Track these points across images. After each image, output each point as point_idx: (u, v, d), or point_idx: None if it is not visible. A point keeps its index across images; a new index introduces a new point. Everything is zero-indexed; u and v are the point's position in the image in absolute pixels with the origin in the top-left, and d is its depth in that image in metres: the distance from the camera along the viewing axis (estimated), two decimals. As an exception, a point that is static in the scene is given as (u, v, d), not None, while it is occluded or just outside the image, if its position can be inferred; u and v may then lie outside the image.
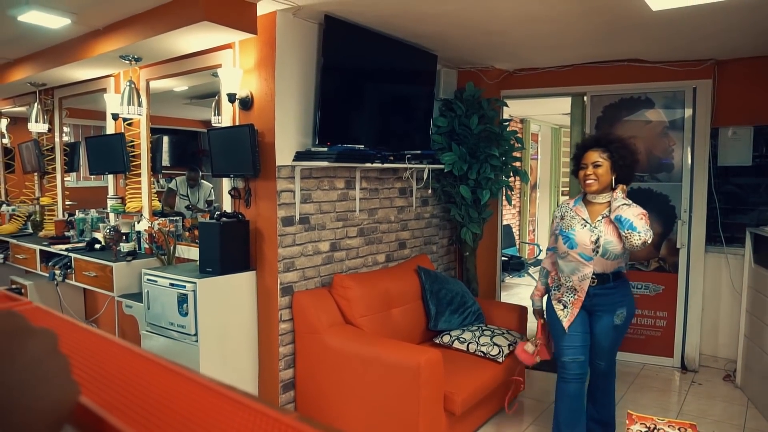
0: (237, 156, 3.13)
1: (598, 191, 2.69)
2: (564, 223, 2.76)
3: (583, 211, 2.72)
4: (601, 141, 2.70)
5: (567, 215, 2.77)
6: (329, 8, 3.06)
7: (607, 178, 2.67)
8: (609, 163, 2.65)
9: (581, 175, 2.72)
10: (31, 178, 5.54)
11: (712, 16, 3.01)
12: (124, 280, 3.60)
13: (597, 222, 2.67)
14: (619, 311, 2.74)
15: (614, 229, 2.60)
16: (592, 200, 2.73)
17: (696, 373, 4.24)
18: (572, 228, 2.70)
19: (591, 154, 2.69)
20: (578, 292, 2.73)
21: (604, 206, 2.70)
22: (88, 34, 3.51)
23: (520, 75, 4.65)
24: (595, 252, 2.64)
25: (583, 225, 2.68)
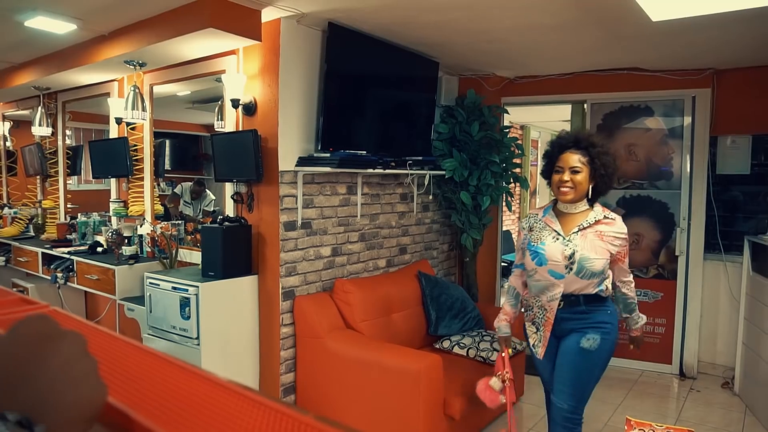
0: (240, 161, 3.15)
1: (573, 201, 2.29)
2: (533, 235, 2.37)
3: (554, 222, 2.32)
4: (582, 142, 2.28)
5: (536, 227, 2.38)
6: (333, 16, 3.10)
7: (585, 186, 2.27)
8: (589, 170, 2.26)
9: (555, 180, 2.30)
10: (34, 182, 5.56)
11: (712, 27, 3.04)
12: (126, 284, 3.62)
13: (571, 234, 2.27)
14: (591, 335, 2.27)
15: (592, 242, 2.24)
16: (565, 210, 2.33)
17: (694, 379, 4.26)
18: (542, 241, 2.31)
19: (569, 157, 2.27)
20: (548, 312, 2.34)
21: (580, 216, 2.31)
22: (93, 39, 3.54)
23: (520, 82, 4.69)
24: (569, 269, 2.24)
25: (555, 238, 2.29)
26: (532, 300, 2.41)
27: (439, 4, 2.84)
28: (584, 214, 2.30)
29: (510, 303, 2.56)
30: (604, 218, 2.28)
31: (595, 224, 2.26)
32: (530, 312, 2.43)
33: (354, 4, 2.89)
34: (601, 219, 2.28)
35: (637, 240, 4.47)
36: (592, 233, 2.26)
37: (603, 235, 2.26)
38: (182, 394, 0.53)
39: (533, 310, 2.41)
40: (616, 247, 2.28)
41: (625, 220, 4.56)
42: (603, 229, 2.26)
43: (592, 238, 2.25)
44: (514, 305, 2.55)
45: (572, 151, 2.28)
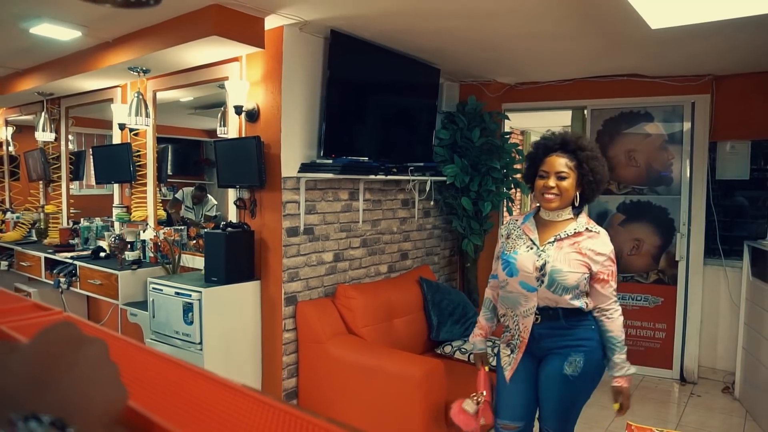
0: (243, 167, 3.18)
1: (558, 209, 2.08)
2: (508, 243, 2.18)
3: (532, 231, 2.13)
4: (569, 145, 2.08)
5: (513, 234, 2.19)
6: (335, 23, 3.13)
7: (572, 193, 2.06)
8: (576, 175, 2.05)
9: (539, 185, 2.10)
10: (36, 186, 5.59)
11: (710, 35, 3.07)
12: (129, 289, 3.64)
13: (546, 245, 2.07)
14: (573, 357, 2.05)
15: (567, 255, 2.03)
16: (547, 218, 2.13)
17: (695, 384, 4.27)
18: (515, 250, 2.12)
19: (555, 161, 2.07)
20: (522, 332, 2.12)
21: (561, 226, 2.10)
22: (97, 45, 3.57)
23: (521, 88, 4.72)
24: (540, 282, 2.04)
25: (529, 247, 2.10)
26: (508, 318, 2.18)
27: (439, 12, 2.87)
28: (567, 223, 2.10)
29: (485, 316, 2.37)
30: (586, 230, 2.06)
31: (574, 235, 2.04)
32: (507, 333, 2.20)
33: (356, 12, 2.92)
34: (582, 231, 2.05)
35: (638, 245, 4.49)
36: (569, 245, 2.04)
37: (581, 249, 2.03)
38: (197, 397, 0.55)
39: (510, 331, 2.17)
40: (597, 265, 2.03)
41: (626, 225, 4.65)
42: (583, 242, 2.03)
43: (568, 250, 2.03)
44: (489, 318, 2.36)
45: (559, 154, 2.07)
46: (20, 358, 0.43)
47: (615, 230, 4.54)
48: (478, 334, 2.38)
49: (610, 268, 2.05)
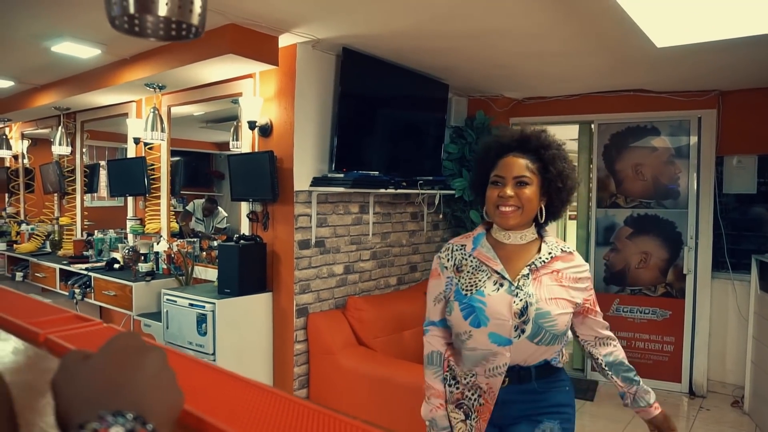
0: (256, 181, 3.25)
1: (518, 226, 1.57)
2: (462, 279, 1.59)
3: (493, 260, 1.58)
4: (531, 142, 1.59)
5: (466, 265, 1.61)
6: (347, 41, 3.21)
7: (535, 205, 1.57)
8: (540, 181, 1.57)
9: (492, 197, 1.57)
10: (51, 199, 5.69)
11: (715, 52, 3.12)
12: (143, 300, 3.71)
13: (521, 278, 1.54)
14: (547, 425, 1.56)
15: (550, 289, 1.54)
16: (505, 240, 1.60)
17: (704, 398, 4.27)
18: (479, 289, 1.55)
19: (514, 163, 1.57)
20: (486, 393, 1.56)
21: (527, 250, 1.60)
22: (115, 62, 3.67)
23: (528, 103, 4.78)
24: (520, 331, 1.50)
25: (498, 283, 1.54)
26: (460, 373, 1.61)
27: (448, 32, 2.94)
28: (533, 246, 1.60)
29: (438, 377, 1.66)
30: (561, 252, 1.59)
31: (551, 262, 1.56)
32: (455, 389, 1.62)
33: (367, 31, 3.00)
34: (557, 254, 1.58)
35: (645, 259, 4.51)
36: (548, 275, 1.55)
37: (562, 277, 1.56)
38: (242, 403, 0.60)
39: (459, 387, 1.61)
40: (581, 293, 1.58)
41: (633, 238, 4.68)
42: (561, 268, 1.57)
43: (549, 282, 1.54)
44: (444, 379, 1.65)
45: (517, 154, 1.57)
46: (94, 364, 0.49)
47: (623, 243, 4.57)
48: (436, 406, 1.64)
49: (592, 291, 1.64)
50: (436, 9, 2.62)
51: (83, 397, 0.45)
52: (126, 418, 0.42)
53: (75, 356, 0.51)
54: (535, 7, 2.55)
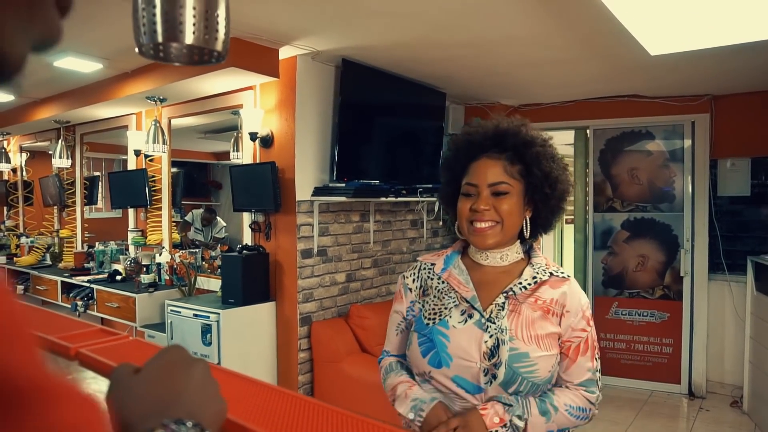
0: (258, 192, 3.29)
1: (499, 246, 1.26)
2: (426, 305, 1.30)
3: (464, 284, 1.27)
4: (508, 138, 1.25)
5: (432, 288, 1.32)
6: (346, 53, 3.26)
7: (517, 219, 1.25)
8: (522, 188, 1.25)
9: (463, 211, 1.26)
10: (51, 211, 5.71)
11: (708, 58, 3.19)
12: (146, 311, 3.73)
13: (494, 308, 1.23)
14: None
15: (531, 323, 1.21)
16: (483, 261, 1.29)
17: (703, 399, 4.32)
18: (442, 319, 1.25)
19: (487, 167, 1.25)
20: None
21: (509, 274, 1.28)
22: (116, 76, 3.71)
23: (524, 110, 4.84)
24: (491, 377, 1.18)
25: (467, 314, 1.24)
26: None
27: (445, 42, 3.00)
28: (516, 268, 1.28)
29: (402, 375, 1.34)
30: (551, 276, 1.25)
31: (535, 288, 1.24)
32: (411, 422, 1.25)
33: (366, 42, 3.05)
34: (545, 278, 1.25)
35: (643, 262, 4.57)
36: (531, 305, 1.23)
37: (549, 309, 1.23)
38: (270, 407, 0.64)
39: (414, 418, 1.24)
40: (576, 334, 1.23)
41: (630, 242, 4.74)
42: (549, 298, 1.23)
43: (531, 314, 1.22)
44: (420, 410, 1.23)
45: (492, 155, 1.25)
46: (146, 377, 0.52)
47: (620, 247, 4.63)
48: (409, 386, 1.29)
49: (586, 331, 1.24)
50: (433, 20, 2.67)
51: (143, 407, 0.49)
52: (187, 426, 0.45)
53: (125, 370, 0.55)
54: (529, 17, 2.61)
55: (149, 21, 0.76)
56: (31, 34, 0.31)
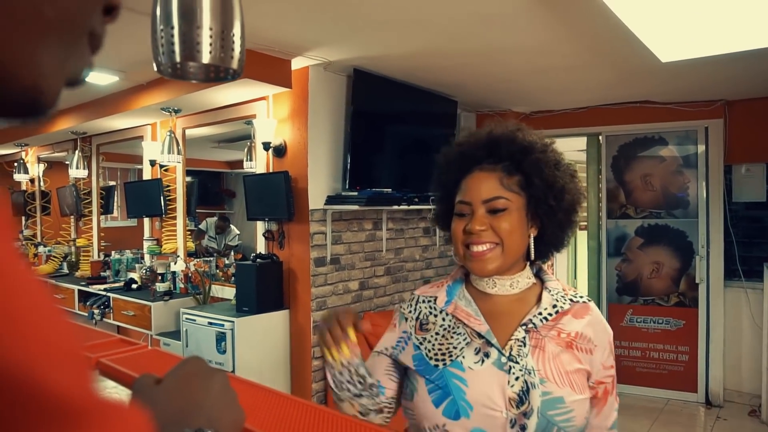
0: (272, 201, 3.32)
1: (501, 270, 1.07)
2: (428, 343, 1.09)
3: (475, 318, 1.07)
4: (502, 146, 1.08)
5: (434, 324, 1.11)
6: (358, 62, 3.29)
7: (520, 238, 1.07)
8: (524, 202, 1.07)
9: (457, 233, 1.08)
10: (68, 221, 5.80)
11: (720, 64, 3.17)
12: (162, 319, 3.77)
13: (513, 344, 1.03)
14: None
15: (559, 362, 1.03)
16: (489, 289, 1.10)
17: (721, 408, 4.26)
18: (455, 360, 1.04)
19: (481, 181, 1.08)
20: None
21: (522, 300, 1.09)
22: (132, 88, 3.77)
23: (536, 117, 4.84)
24: (519, 429, 0.98)
25: (482, 352, 1.04)
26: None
27: (455, 51, 3.02)
28: (530, 295, 1.09)
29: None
30: (571, 303, 1.08)
31: (556, 318, 1.05)
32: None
33: (377, 52, 3.08)
34: (566, 307, 1.06)
35: (657, 268, 4.53)
36: (554, 340, 1.04)
37: (575, 342, 1.04)
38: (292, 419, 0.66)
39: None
40: (607, 372, 1.07)
41: (644, 248, 4.71)
42: (574, 330, 1.05)
43: (556, 350, 1.03)
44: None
45: (486, 167, 1.08)
46: (168, 387, 0.54)
47: (634, 254, 4.60)
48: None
49: (614, 366, 1.10)
50: (443, 30, 2.70)
51: (165, 417, 0.50)
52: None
53: (146, 381, 0.57)
54: (538, 26, 2.62)
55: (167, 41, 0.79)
56: (66, 71, 0.33)
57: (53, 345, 0.23)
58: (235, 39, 0.83)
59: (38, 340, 0.22)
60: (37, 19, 0.29)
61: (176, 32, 0.79)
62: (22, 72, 0.30)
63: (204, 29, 0.78)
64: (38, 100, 0.32)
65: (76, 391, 0.22)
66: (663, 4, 2.12)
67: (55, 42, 0.31)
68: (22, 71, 0.30)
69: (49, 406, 0.21)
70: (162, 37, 0.80)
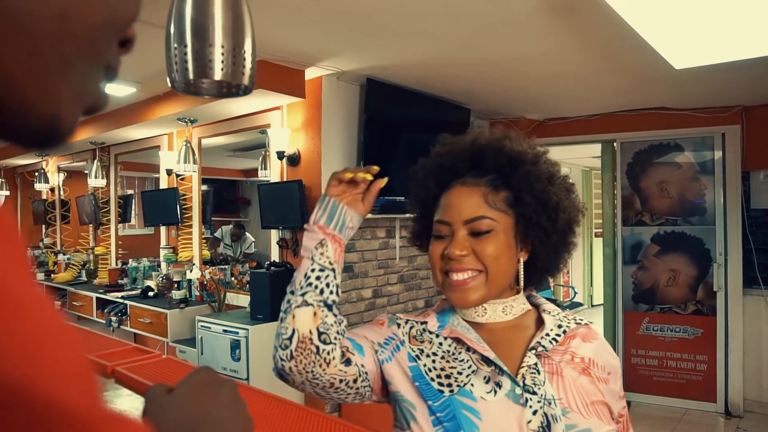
0: (285, 209, 3.35)
1: (484, 300, 0.91)
2: (426, 359, 0.90)
3: (477, 342, 0.89)
4: (487, 157, 0.94)
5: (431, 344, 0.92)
6: (371, 72, 3.32)
7: (507, 264, 0.91)
8: (512, 222, 0.92)
9: (435, 257, 0.92)
10: (86, 229, 5.89)
11: (735, 70, 3.14)
12: (177, 326, 3.81)
13: (526, 371, 0.87)
14: None
15: (579, 387, 0.87)
16: (479, 318, 0.93)
17: (741, 418, 4.18)
18: (463, 388, 0.85)
19: (462, 198, 0.92)
20: None
21: (518, 328, 0.94)
22: (149, 99, 3.84)
23: (550, 124, 4.83)
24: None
25: (494, 382, 0.86)
26: None
27: (467, 60, 3.03)
28: (527, 320, 0.96)
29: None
30: (575, 325, 0.95)
31: (564, 341, 0.92)
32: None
33: (390, 62, 3.10)
34: (572, 327, 0.94)
35: (674, 276, 4.48)
36: (570, 365, 0.90)
37: (591, 370, 0.91)
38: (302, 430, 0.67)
39: None
40: (622, 404, 0.95)
41: (661, 256, 4.65)
42: (588, 357, 0.92)
43: (575, 375, 0.89)
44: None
45: (468, 182, 0.94)
46: (179, 396, 0.56)
47: (650, 261, 4.55)
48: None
49: (624, 399, 0.96)
50: (455, 40, 2.71)
51: (177, 425, 0.52)
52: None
53: (159, 390, 0.59)
54: (550, 34, 2.62)
55: (181, 59, 0.81)
56: (84, 101, 0.35)
57: (60, 360, 0.24)
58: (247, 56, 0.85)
59: (46, 356, 0.24)
60: (57, 56, 0.31)
61: (189, 50, 0.81)
62: (42, 104, 0.32)
63: (216, 47, 0.81)
64: (57, 129, 0.34)
65: (83, 404, 0.24)
66: (675, 12, 2.11)
67: (73, 75, 0.33)
68: (42, 103, 0.32)
69: (58, 419, 0.23)
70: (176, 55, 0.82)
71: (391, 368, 0.90)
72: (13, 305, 0.23)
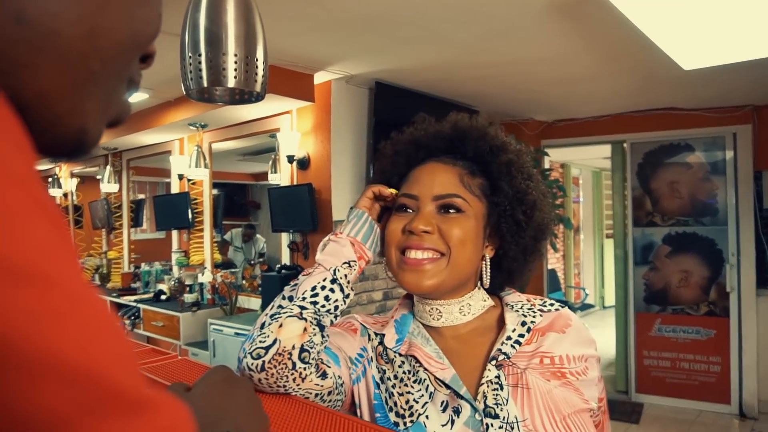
0: (296, 212, 3.38)
1: (440, 290, 0.81)
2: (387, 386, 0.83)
3: (437, 360, 0.80)
4: (468, 141, 0.86)
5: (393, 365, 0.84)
6: (379, 75, 3.34)
7: (472, 251, 0.81)
8: (485, 210, 0.84)
9: (393, 233, 0.85)
10: (99, 234, 5.96)
11: (745, 70, 3.12)
12: (190, 329, 3.85)
13: (486, 389, 0.76)
14: None
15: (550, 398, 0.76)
16: (434, 321, 0.85)
17: (756, 420, 4.15)
18: (417, 421, 0.77)
19: (436, 173, 0.85)
20: None
21: (480, 331, 0.84)
22: (160, 104, 3.89)
23: (559, 125, 4.82)
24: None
25: (452, 408, 0.76)
26: None
27: (475, 63, 3.04)
28: (489, 319, 0.86)
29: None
30: (541, 315, 0.84)
31: (531, 340, 0.81)
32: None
33: (398, 65, 3.12)
34: (538, 321, 0.83)
35: (686, 277, 4.45)
36: (537, 371, 0.79)
37: (563, 366, 0.80)
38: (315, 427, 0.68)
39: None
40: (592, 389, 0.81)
41: (672, 257, 4.63)
42: (565, 354, 0.81)
43: (544, 385, 0.77)
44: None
45: (445, 159, 0.87)
46: (197, 394, 0.58)
47: (662, 262, 4.52)
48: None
49: (602, 382, 0.84)
50: (463, 44, 2.73)
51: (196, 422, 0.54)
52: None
53: (178, 388, 0.61)
54: (557, 37, 2.63)
55: (195, 68, 0.84)
56: (108, 114, 0.37)
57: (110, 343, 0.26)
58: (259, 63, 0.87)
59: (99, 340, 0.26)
60: (86, 72, 0.33)
61: (203, 59, 0.84)
62: (72, 117, 0.34)
63: (229, 56, 0.83)
64: (84, 141, 0.36)
65: (131, 384, 0.26)
66: (682, 14, 2.11)
67: (99, 89, 0.35)
68: (72, 116, 0.34)
69: (111, 398, 0.25)
70: (190, 64, 0.85)
71: (360, 390, 0.84)
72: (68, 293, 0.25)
